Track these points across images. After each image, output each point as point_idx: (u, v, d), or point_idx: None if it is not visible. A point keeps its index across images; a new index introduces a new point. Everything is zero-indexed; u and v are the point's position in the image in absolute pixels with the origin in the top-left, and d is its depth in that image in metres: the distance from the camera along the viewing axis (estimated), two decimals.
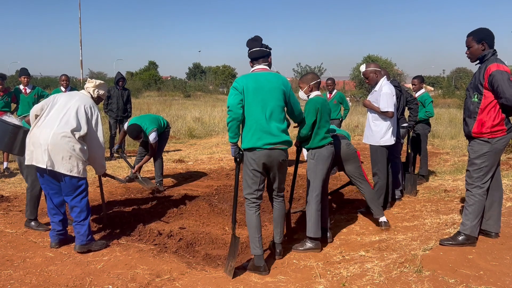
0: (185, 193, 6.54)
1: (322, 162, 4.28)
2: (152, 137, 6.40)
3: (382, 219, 4.87)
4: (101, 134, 4.29)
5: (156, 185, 6.75)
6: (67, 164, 4.00)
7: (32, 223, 4.79)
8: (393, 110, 5.27)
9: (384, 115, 5.27)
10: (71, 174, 4.04)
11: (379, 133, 5.34)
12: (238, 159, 3.77)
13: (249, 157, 3.70)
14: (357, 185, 4.91)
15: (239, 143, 3.78)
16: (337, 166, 5.00)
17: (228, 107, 3.65)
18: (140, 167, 6.62)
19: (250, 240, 3.78)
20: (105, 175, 4.72)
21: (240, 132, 3.76)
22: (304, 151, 4.57)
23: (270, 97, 3.69)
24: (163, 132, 6.77)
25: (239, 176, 3.88)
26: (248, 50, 3.87)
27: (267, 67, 3.85)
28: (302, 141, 4.38)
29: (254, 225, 3.76)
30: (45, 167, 3.98)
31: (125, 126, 6.68)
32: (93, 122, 4.21)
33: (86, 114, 4.15)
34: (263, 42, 3.86)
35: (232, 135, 3.69)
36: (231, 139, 3.72)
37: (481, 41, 3.95)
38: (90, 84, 4.44)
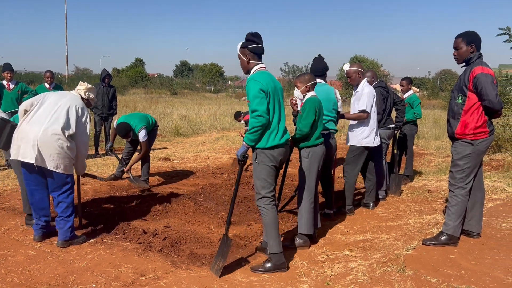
0: (171, 192, 6.52)
1: (316, 161, 4.33)
2: (141, 135, 6.40)
3: (328, 211, 5.33)
4: (87, 135, 4.35)
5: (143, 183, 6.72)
6: (55, 161, 4.05)
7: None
8: (369, 112, 5.35)
9: (360, 114, 5.35)
10: (57, 170, 4.08)
11: (361, 134, 5.40)
12: (242, 162, 3.75)
13: (269, 155, 3.70)
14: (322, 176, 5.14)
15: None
16: None
17: (255, 111, 3.58)
18: (131, 167, 6.60)
19: (274, 238, 3.73)
20: (85, 175, 4.69)
21: None
22: None
23: (281, 98, 3.86)
24: (151, 130, 6.76)
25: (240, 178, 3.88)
26: (252, 44, 3.78)
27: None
28: (298, 141, 4.39)
29: (277, 222, 3.80)
30: (33, 162, 3.99)
31: (114, 124, 6.64)
32: (83, 122, 4.27)
33: (77, 113, 4.21)
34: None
35: (254, 138, 3.63)
36: (250, 142, 3.65)
37: (471, 44, 4.00)
38: (82, 87, 4.49)
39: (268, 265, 3.72)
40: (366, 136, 5.41)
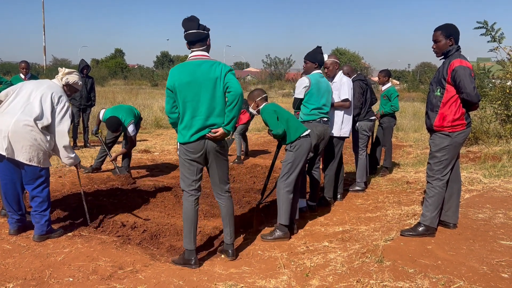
0: (150, 184, 6.46)
1: (301, 154, 4.34)
2: (131, 129, 6.39)
3: (311, 203, 5.36)
4: (67, 124, 4.14)
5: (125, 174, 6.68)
6: (27, 153, 3.91)
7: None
8: (351, 100, 5.46)
9: (343, 103, 5.41)
10: (30, 163, 3.95)
11: (337, 124, 5.46)
12: None
13: (183, 149, 3.63)
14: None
15: None
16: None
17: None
18: (116, 156, 6.57)
19: (184, 234, 3.69)
20: (78, 165, 4.55)
21: None
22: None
23: (204, 90, 3.50)
24: (137, 123, 6.69)
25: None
26: (184, 32, 3.58)
27: (204, 53, 3.62)
28: (281, 140, 4.44)
29: (191, 218, 3.68)
30: (4, 154, 3.88)
31: (100, 114, 6.53)
32: (58, 111, 4.08)
33: (52, 102, 4.04)
34: (200, 23, 3.59)
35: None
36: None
37: (450, 37, 4.03)
38: (60, 73, 4.34)
39: (180, 260, 3.69)
40: (343, 127, 5.48)
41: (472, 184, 6.30)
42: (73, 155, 4.29)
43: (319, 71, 5.05)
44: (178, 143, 3.68)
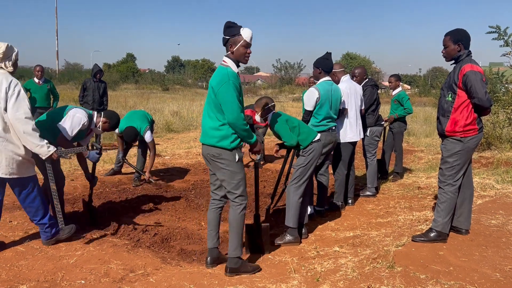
0: (161, 188, 6.49)
1: (314, 158, 4.36)
2: (147, 136, 6.43)
3: (318, 208, 5.27)
4: (24, 109, 3.70)
5: (134, 178, 6.71)
6: (5, 167, 3.73)
7: None
8: (346, 107, 5.42)
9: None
10: (11, 176, 3.79)
11: (344, 131, 5.47)
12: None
13: None
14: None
15: None
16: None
17: None
18: (150, 171, 6.56)
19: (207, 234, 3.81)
20: (65, 153, 4.25)
21: None
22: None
23: (208, 96, 3.60)
24: (150, 127, 6.71)
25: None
26: None
27: (225, 58, 3.59)
28: (295, 148, 4.45)
29: (209, 218, 3.78)
30: None
31: (117, 132, 6.49)
32: (10, 97, 3.67)
33: (6, 95, 3.67)
34: (232, 27, 3.52)
35: None
36: None
37: (458, 42, 4.02)
38: None
39: (208, 259, 3.75)
40: (348, 133, 5.46)
41: (484, 189, 6.24)
42: (44, 143, 3.86)
43: (328, 78, 5.00)
44: None
